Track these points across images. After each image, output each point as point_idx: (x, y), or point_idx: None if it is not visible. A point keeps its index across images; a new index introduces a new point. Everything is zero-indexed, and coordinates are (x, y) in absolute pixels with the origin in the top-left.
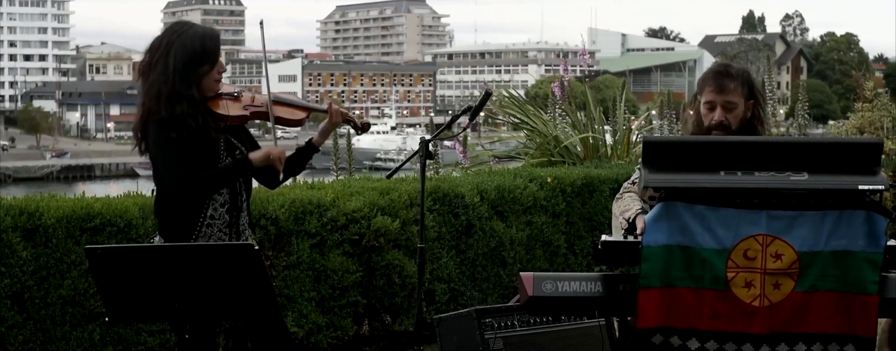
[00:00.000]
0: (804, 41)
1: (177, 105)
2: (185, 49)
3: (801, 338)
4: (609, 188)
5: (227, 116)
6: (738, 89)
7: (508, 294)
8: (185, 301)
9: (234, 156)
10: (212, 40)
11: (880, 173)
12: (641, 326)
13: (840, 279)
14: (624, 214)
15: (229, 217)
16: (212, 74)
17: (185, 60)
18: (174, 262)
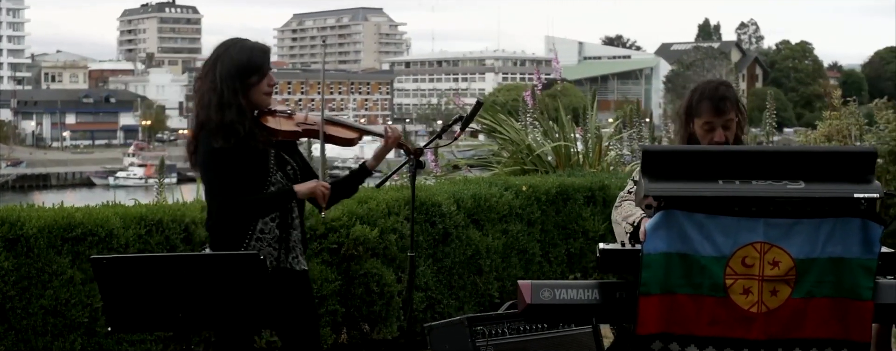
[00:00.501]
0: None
1: (226, 112)
2: (232, 60)
3: (797, 343)
4: (583, 196)
5: (278, 131)
6: (731, 108)
7: (485, 302)
8: (189, 310)
9: (284, 170)
10: (260, 53)
11: (874, 182)
12: (641, 332)
13: (836, 285)
14: (627, 219)
15: (279, 232)
16: (260, 87)
17: (232, 71)
18: (180, 271)
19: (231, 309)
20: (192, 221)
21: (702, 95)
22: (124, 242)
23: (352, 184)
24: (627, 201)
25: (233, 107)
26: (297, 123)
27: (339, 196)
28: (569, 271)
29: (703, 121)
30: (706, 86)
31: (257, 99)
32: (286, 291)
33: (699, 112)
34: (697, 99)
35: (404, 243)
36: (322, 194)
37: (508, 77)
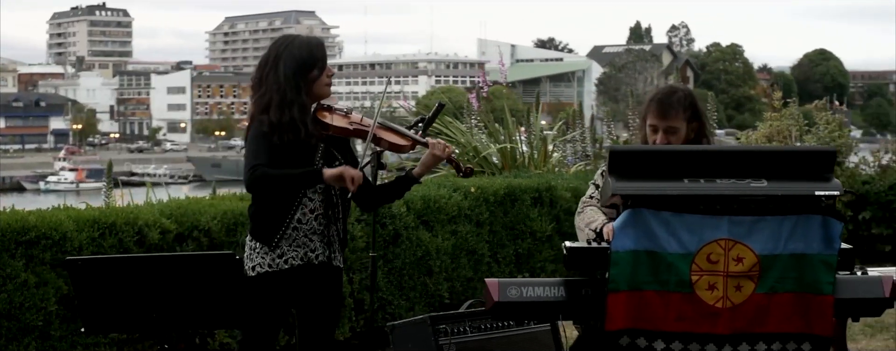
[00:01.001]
0: (690, 52)
1: (286, 110)
2: (293, 58)
3: (761, 337)
4: (530, 197)
5: (331, 125)
6: (679, 114)
7: (435, 303)
8: (164, 311)
9: (331, 165)
10: (318, 47)
11: (834, 180)
12: (609, 328)
13: (798, 281)
14: (590, 225)
15: (317, 225)
16: (321, 79)
17: (294, 68)
18: (155, 271)
19: (206, 309)
20: (146, 224)
21: (653, 98)
22: (78, 245)
23: (398, 189)
24: (590, 207)
25: (295, 105)
26: (351, 122)
27: (383, 199)
28: (517, 272)
29: (649, 122)
30: (662, 90)
31: (319, 91)
32: (318, 284)
33: (648, 112)
34: (649, 100)
35: (355, 245)
36: (350, 178)
37: (441, 80)
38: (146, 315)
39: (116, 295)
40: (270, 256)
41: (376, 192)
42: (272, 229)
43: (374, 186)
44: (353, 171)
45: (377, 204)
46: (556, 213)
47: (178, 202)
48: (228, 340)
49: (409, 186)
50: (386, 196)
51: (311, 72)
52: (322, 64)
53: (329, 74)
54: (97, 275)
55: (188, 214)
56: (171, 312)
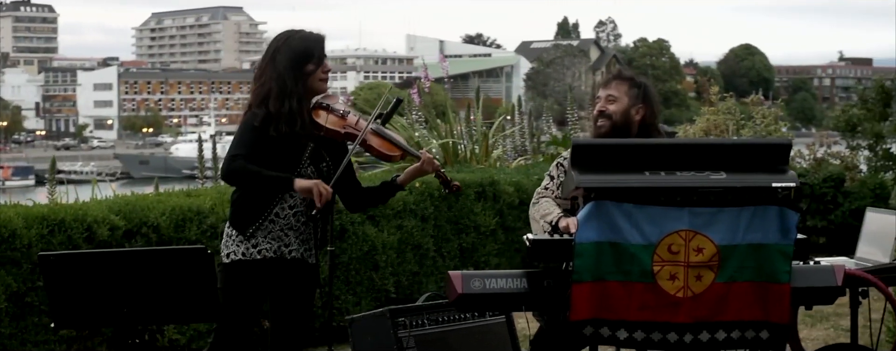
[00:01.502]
0: (617, 47)
1: (287, 101)
2: (290, 50)
3: (721, 326)
4: (474, 192)
5: (323, 126)
6: (621, 86)
7: (381, 297)
8: (135, 305)
9: (317, 165)
10: (315, 41)
11: (790, 171)
12: (574, 318)
13: (756, 270)
14: (545, 217)
15: (294, 221)
16: (317, 74)
17: (291, 59)
18: (127, 266)
19: (177, 303)
20: (95, 221)
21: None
22: (27, 242)
23: (382, 194)
24: (545, 198)
25: (294, 96)
26: (345, 125)
27: (367, 202)
28: (461, 265)
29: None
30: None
31: (314, 86)
32: (291, 279)
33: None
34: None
35: None
36: (319, 193)
37: (370, 75)
38: (117, 310)
39: (88, 290)
40: (245, 244)
41: (362, 194)
42: (249, 219)
43: (360, 189)
44: (324, 188)
45: (362, 206)
46: (499, 207)
47: (126, 199)
48: (177, 337)
49: (393, 193)
50: (371, 200)
51: (306, 65)
52: (319, 59)
53: (325, 70)
54: (70, 270)
55: (137, 211)
56: (142, 306)
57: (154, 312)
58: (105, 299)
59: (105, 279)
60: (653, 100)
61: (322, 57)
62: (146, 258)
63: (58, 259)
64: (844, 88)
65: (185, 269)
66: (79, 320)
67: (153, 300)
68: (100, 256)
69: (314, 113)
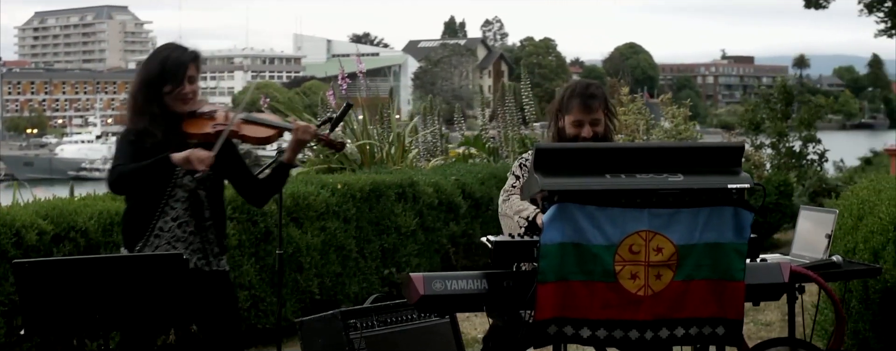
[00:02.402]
0: (504, 46)
1: (140, 119)
2: (147, 70)
3: (679, 322)
4: (394, 193)
5: (194, 134)
6: (600, 106)
7: (306, 299)
8: (107, 311)
9: (193, 174)
10: (175, 63)
11: (743, 173)
12: (539, 317)
13: (712, 268)
14: (520, 213)
15: (180, 232)
16: (173, 95)
17: (145, 80)
18: (102, 273)
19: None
20: (23, 225)
21: (573, 93)
22: None
23: (277, 178)
24: (515, 195)
25: (145, 115)
26: (214, 124)
27: (268, 191)
28: (383, 266)
29: (572, 118)
30: (577, 85)
31: (172, 106)
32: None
33: (569, 109)
34: (568, 96)
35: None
36: (198, 158)
37: (258, 75)
38: (88, 315)
39: (61, 297)
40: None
41: (259, 185)
42: (135, 236)
43: (256, 181)
44: (201, 153)
45: (264, 197)
46: (419, 208)
47: (53, 203)
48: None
49: (287, 172)
50: (269, 188)
51: (163, 86)
52: (175, 81)
53: (183, 93)
54: (43, 277)
55: (64, 215)
56: (114, 312)
57: (125, 318)
58: (78, 306)
59: (79, 286)
60: (611, 106)
61: (180, 80)
62: (121, 265)
63: (32, 266)
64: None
65: (159, 274)
66: (50, 327)
67: (126, 306)
68: (75, 263)
69: (185, 124)
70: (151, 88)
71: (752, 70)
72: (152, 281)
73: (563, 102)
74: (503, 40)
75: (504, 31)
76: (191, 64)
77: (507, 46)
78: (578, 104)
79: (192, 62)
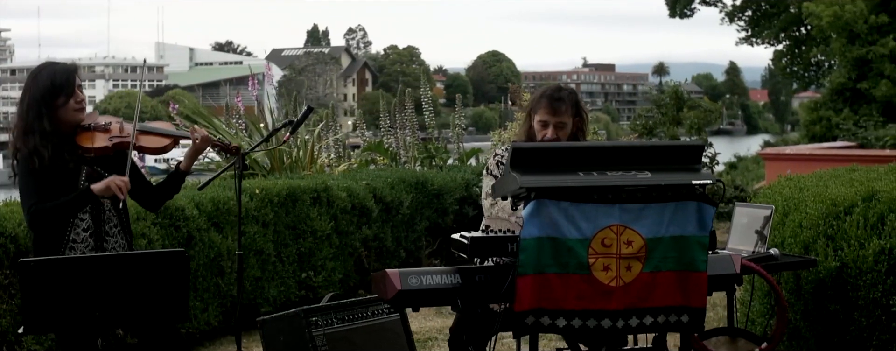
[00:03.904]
0: (368, 54)
1: (30, 138)
2: (38, 87)
3: (648, 311)
4: (310, 198)
5: (91, 148)
6: (568, 111)
7: (227, 303)
8: (106, 308)
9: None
10: (62, 74)
11: (704, 169)
12: (518, 309)
13: (678, 260)
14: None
15: (93, 241)
16: (69, 105)
17: (38, 96)
18: (106, 271)
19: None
20: None
21: (542, 94)
22: None
23: (171, 185)
24: None
25: (36, 133)
26: (111, 137)
27: (162, 197)
28: (300, 270)
29: (538, 118)
30: (549, 87)
31: (67, 117)
32: None
33: (537, 109)
34: (538, 97)
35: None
36: (118, 187)
37: (119, 84)
38: (88, 313)
39: (63, 295)
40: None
41: (154, 192)
42: (50, 251)
43: (151, 188)
44: (119, 180)
45: (159, 203)
46: (333, 212)
47: None
48: (36, 348)
49: (181, 180)
50: (163, 194)
51: (56, 99)
52: (68, 91)
53: (78, 101)
54: (47, 275)
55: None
56: (114, 309)
57: (125, 315)
58: (79, 304)
59: (82, 284)
60: (583, 111)
61: (72, 89)
62: (125, 262)
63: (37, 264)
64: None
65: (163, 271)
66: (50, 324)
67: (126, 303)
68: (80, 262)
69: (79, 138)
70: (43, 105)
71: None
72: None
73: (532, 103)
74: (367, 48)
75: (368, 39)
76: (75, 73)
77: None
78: (546, 105)
79: (75, 72)
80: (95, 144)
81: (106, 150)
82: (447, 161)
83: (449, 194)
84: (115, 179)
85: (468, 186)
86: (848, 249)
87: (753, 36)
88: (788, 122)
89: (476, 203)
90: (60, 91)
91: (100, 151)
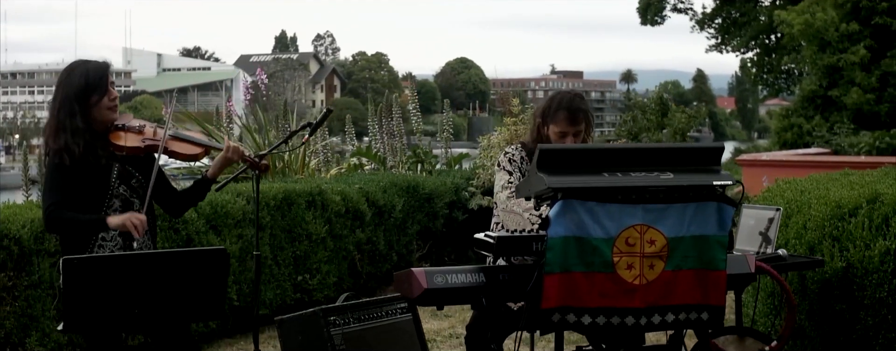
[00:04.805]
0: (336, 60)
1: (61, 135)
2: (72, 84)
3: (669, 309)
4: (304, 201)
5: (123, 147)
6: (584, 119)
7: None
8: (146, 306)
9: (128, 183)
10: (95, 72)
11: (724, 171)
12: (545, 306)
13: (698, 259)
14: (532, 212)
15: (122, 240)
16: (102, 103)
17: (71, 94)
18: (150, 268)
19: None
20: None
21: (560, 105)
22: None
23: (197, 192)
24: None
25: (68, 130)
26: (143, 139)
27: (186, 203)
28: (295, 273)
29: (558, 129)
30: (563, 97)
31: (101, 116)
32: None
33: (556, 120)
34: (555, 108)
35: None
36: (133, 225)
37: None
38: (128, 311)
39: (104, 293)
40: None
41: (179, 198)
42: (79, 249)
43: (176, 193)
44: (136, 219)
45: (183, 209)
46: (328, 215)
47: None
48: (40, 349)
49: (207, 188)
50: (188, 200)
51: (90, 97)
52: (101, 89)
53: (111, 98)
54: (90, 273)
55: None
56: (153, 307)
57: (164, 313)
58: (120, 302)
59: (125, 281)
60: (590, 114)
61: (105, 87)
62: (169, 260)
63: (81, 262)
64: None
65: (205, 269)
66: (90, 323)
67: (166, 301)
68: (124, 259)
69: (112, 136)
70: (76, 103)
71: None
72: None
73: (548, 111)
74: (335, 55)
75: (336, 45)
76: (108, 71)
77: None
78: (565, 116)
79: (108, 70)
80: (128, 143)
81: (137, 150)
82: (436, 165)
83: (439, 198)
84: (132, 218)
85: (458, 190)
86: (853, 249)
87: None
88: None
89: (465, 207)
90: (94, 89)
91: (131, 151)
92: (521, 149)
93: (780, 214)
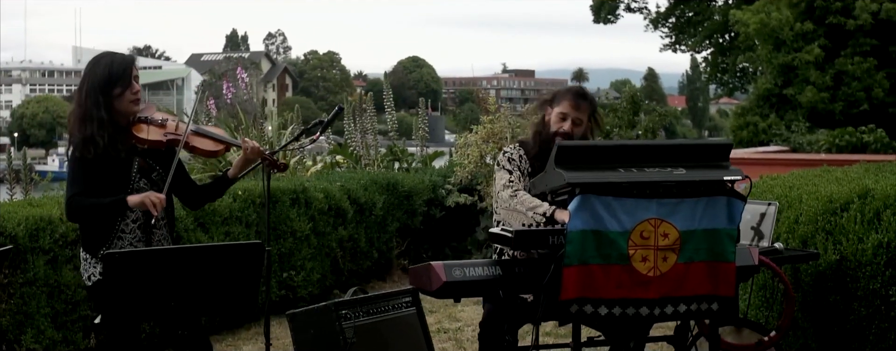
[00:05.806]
0: (288, 59)
1: (87, 125)
2: (97, 75)
3: (681, 300)
4: (289, 199)
5: (145, 140)
6: (587, 109)
7: None
8: (182, 299)
9: (149, 176)
10: (119, 64)
11: (733, 167)
12: (563, 297)
13: (709, 251)
14: (535, 210)
15: (141, 233)
16: (125, 96)
17: (95, 86)
18: (188, 262)
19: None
20: None
21: (567, 90)
22: None
23: (217, 189)
24: (521, 192)
25: (94, 121)
26: (166, 133)
27: (205, 198)
28: (280, 270)
29: (560, 110)
30: (574, 86)
31: (123, 108)
32: None
33: (559, 102)
34: (563, 92)
35: None
36: (152, 203)
37: (37, 88)
38: (164, 304)
39: (143, 286)
40: (101, 265)
41: (198, 192)
42: (99, 241)
43: (196, 188)
44: (155, 196)
45: (201, 203)
46: (311, 213)
47: None
48: (35, 346)
49: (227, 185)
50: (207, 196)
51: (113, 89)
52: (124, 82)
53: (134, 91)
54: (131, 267)
55: None
56: (189, 300)
57: (198, 305)
58: (157, 294)
59: (163, 275)
60: (599, 115)
61: (129, 80)
62: (208, 254)
63: (122, 257)
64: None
65: (242, 262)
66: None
67: (201, 294)
68: (164, 253)
69: (135, 128)
70: (101, 94)
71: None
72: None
73: (555, 95)
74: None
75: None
76: (133, 65)
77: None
78: (570, 99)
79: (133, 63)
80: (150, 137)
81: (159, 144)
82: (412, 163)
83: (418, 196)
84: (151, 196)
85: (435, 188)
86: (847, 243)
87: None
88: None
89: (442, 205)
90: (117, 81)
91: (153, 144)
92: (520, 148)
93: (776, 208)
